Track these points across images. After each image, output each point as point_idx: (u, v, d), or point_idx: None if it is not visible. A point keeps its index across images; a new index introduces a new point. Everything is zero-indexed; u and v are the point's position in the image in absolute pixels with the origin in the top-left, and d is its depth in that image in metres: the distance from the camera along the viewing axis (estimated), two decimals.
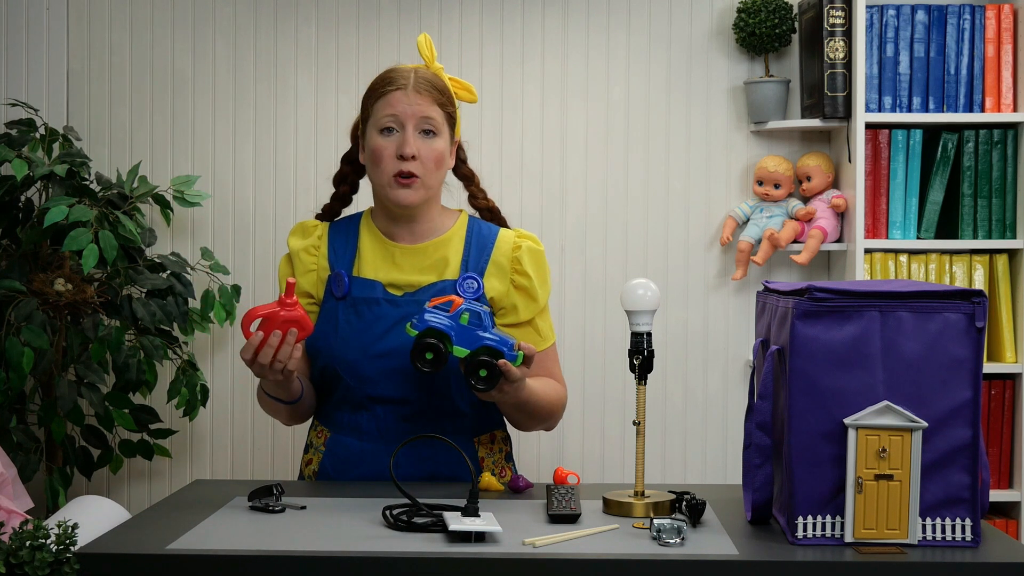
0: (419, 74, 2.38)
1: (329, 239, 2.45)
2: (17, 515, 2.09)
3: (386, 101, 2.35)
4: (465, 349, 2.19)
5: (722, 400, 3.69)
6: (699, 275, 3.69)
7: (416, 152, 2.33)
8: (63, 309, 3.24)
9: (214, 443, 3.71)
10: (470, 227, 2.45)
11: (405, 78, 2.36)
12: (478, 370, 2.18)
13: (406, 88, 2.35)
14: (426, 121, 2.35)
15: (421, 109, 2.34)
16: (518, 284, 2.41)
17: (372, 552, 1.78)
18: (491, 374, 2.18)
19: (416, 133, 2.34)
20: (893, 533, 1.83)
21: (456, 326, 2.18)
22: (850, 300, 1.85)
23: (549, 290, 2.46)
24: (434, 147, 2.36)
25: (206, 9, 3.68)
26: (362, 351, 2.35)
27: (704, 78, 3.67)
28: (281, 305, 2.17)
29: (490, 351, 2.18)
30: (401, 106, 2.34)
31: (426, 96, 2.35)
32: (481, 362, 2.18)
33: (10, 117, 3.60)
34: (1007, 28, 3.47)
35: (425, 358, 2.18)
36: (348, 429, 2.40)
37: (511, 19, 3.68)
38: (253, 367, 2.19)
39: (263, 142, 3.69)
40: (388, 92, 2.36)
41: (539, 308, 2.43)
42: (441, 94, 2.38)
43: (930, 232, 3.50)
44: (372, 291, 2.37)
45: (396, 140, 2.34)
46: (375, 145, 2.36)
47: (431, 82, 2.38)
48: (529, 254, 2.42)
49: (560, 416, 2.49)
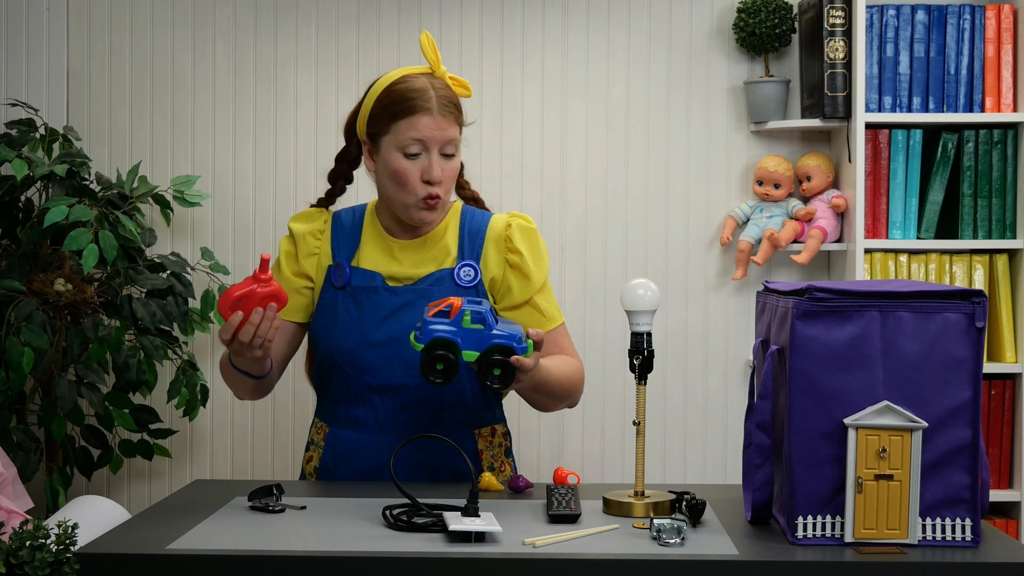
0: (439, 93, 2.35)
1: (333, 228, 2.46)
2: (17, 515, 2.09)
3: (410, 123, 2.33)
4: (475, 352, 2.13)
5: (722, 400, 3.69)
6: (699, 275, 3.69)
7: (441, 177, 2.35)
8: (63, 309, 3.24)
9: (214, 443, 3.71)
10: (463, 215, 2.46)
11: (428, 99, 2.33)
12: (492, 370, 2.14)
13: (432, 112, 2.33)
14: (450, 144, 2.35)
15: (446, 134, 2.34)
16: (512, 263, 2.41)
17: (372, 552, 1.78)
18: (505, 371, 2.14)
19: (439, 156, 2.35)
20: (893, 533, 1.83)
21: (460, 330, 2.13)
22: (850, 300, 1.85)
23: (546, 269, 2.45)
24: (453, 166, 2.38)
25: (206, 9, 3.68)
26: (360, 339, 2.36)
27: (704, 78, 3.67)
28: (256, 281, 2.15)
29: (501, 349, 2.13)
30: (428, 131, 2.33)
31: (450, 118, 2.35)
32: (494, 362, 2.14)
33: (10, 117, 3.60)
34: (1007, 28, 3.47)
35: (436, 370, 2.13)
36: (347, 422, 2.41)
37: (511, 19, 3.68)
38: (232, 346, 2.18)
39: (263, 142, 3.69)
40: (414, 115, 2.33)
41: (535, 287, 2.42)
42: (458, 110, 2.38)
43: (930, 232, 3.50)
44: (371, 281, 2.39)
45: (421, 164, 2.34)
46: (399, 167, 2.34)
47: (451, 101, 2.37)
48: (520, 231, 2.43)
49: (580, 391, 2.45)
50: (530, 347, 2.16)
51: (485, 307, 2.16)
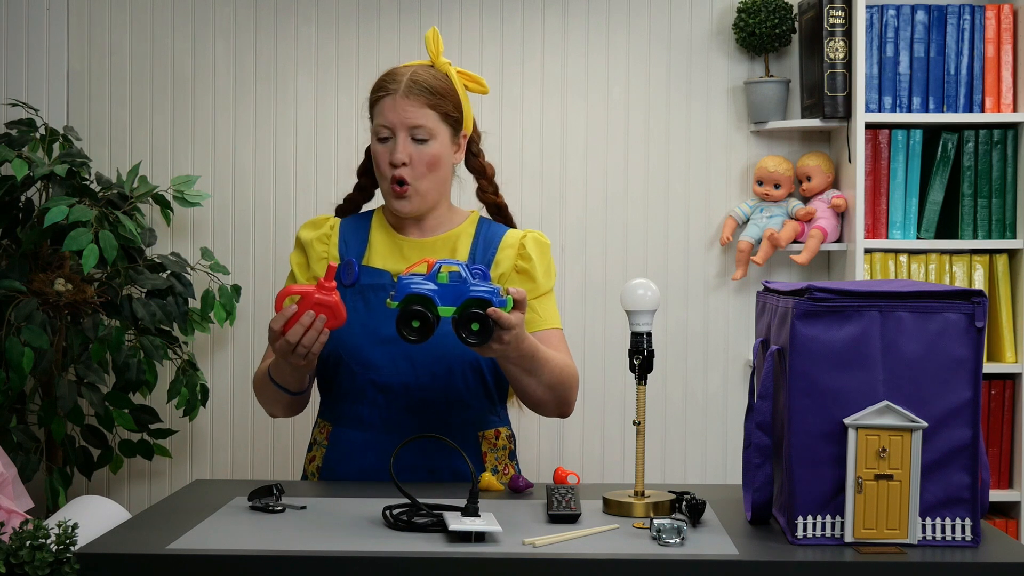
0: (413, 76, 2.37)
1: (340, 231, 2.47)
2: (17, 515, 2.09)
3: (379, 108, 2.38)
4: (451, 307, 2.07)
5: (722, 400, 3.69)
6: (699, 275, 3.69)
7: (407, 158, 2.35)
8: (63, 309, 3.24)
9: (214, 443, 3.71)
10: (479, 226, 2.47)
11: (396, 83, 2.36)
12: (469, 324, 2.08)
13: (395, 94, 2.35)
14: (416, 129, 2.35)
15: (409, 116, 2.34)
16: (520, 268, 2.41)
17: (372, 552, 1.78)
18: (484, 326, 2.07)
19: (408, 139, 2.35)
20: (893, 533, 1.83)
21: (437, 287, 2.07)
22: (850, 300, 1.85)
23: (552, 282, 2.45)
24: (427, 151, 2.36)
25: (206, 9, 3.68)
26: (367, 336, 2.36)
27: (704, 78, 3.67)
28: (319, 288, 2.13)
29: (478, 302, 2.07)
30: (392, 114, 2.35)
31: (415, 100, 2.35)
32: (471, 315, 2.07)
33: (10, 117, 3.60)
34: (1007, 28, 3.47)
35: (412, 327, 2.06)
36: (350, 421, 2.40)
37: (511, 19, 3.68)
38: (277, 343, 2.15)
39: (263, 142, 3.69)
40: (380, 99, 2.38)
41: (538, 292, 2.42)
42: (434, 95, 2.36)
43: (930, 232, 3.50)
44: (380, 279, 2.39)
45: (389, 148, 2.37)
46: (374, 151, 2.40)
47: (424, 84, 2.36)
48: (534, 242, 2.44)
49: (572, 393, 2.40)
50: (509, 302, 2.09)
51: (465, 265, 2.10)
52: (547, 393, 2.34)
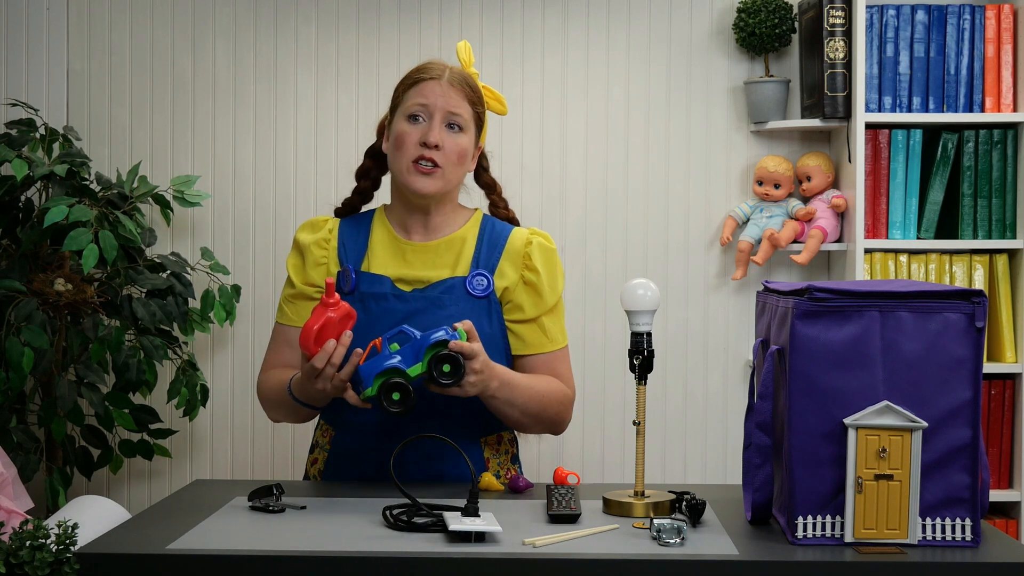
0: (454, 70, 2.40)
1: (339, 234, 2.45)
2: (17, 515, 2.09)
3: (418, 90, 2.37)
4: (418, 365, 2.14)
5: (722, 400, 3.69)
6: (699, 275, 3.69)
7: (440, 143, 2.34)
8: (63, 309, 3.24)
9: (214, 443, 3.71)
10: (483, 225, 2.45)
11: (440, 70, 2.38)
12: (441, 366, 2.14)
13: (440, 79, 2.37)
14: (454, 115, 2.36)
15: (451, 102, 2.35)
16: (527, 280, 2.40)
17: (372, 552, 1.78)
18: (453, 363, 2.13)
19: (442, 125, 2.35)
20: (893, 533, 1.83)
21: (397, 356, 2.14)
22: (850, 300, 1.85)
23: (560, 291, 2.44)
24: (458, 142, 2.37)
25: (206, 9, 3.68)
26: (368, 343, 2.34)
27: (704, 78, 3.67)
28: (326, 308, 2.16)
29: (438, 345, 2.13)
30: (433, 96, 2.35)
31: (458, 90, 2.37)
32: (439, 358, 2.13)
33: (10, 117, 3.60)
34: (1007, 28, 3.47)
35: (394, 400, 2.12)
36: (353, 427, 2.39)
37: (511, 19, 3.68)
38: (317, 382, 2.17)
39: (263, 142, 3.69)
40: (422, 81, 2.37)
41: (546, 307, 2.41)
42: (473, 92, 2.40)
43: (930, 232, 3.50)
44: (380, 286, 2.37)
45: (422, 128, 2.35)
46: (400, 131, 2.36)
47: (465, 79, 2.40)
48: (540, 250, 2.43)
49: (563, 416, 2.42)
50: (462, 334, 2.15)
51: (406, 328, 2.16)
52: (529, 421, 2.36)
